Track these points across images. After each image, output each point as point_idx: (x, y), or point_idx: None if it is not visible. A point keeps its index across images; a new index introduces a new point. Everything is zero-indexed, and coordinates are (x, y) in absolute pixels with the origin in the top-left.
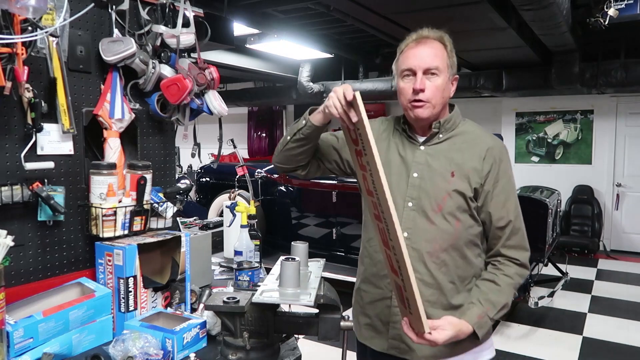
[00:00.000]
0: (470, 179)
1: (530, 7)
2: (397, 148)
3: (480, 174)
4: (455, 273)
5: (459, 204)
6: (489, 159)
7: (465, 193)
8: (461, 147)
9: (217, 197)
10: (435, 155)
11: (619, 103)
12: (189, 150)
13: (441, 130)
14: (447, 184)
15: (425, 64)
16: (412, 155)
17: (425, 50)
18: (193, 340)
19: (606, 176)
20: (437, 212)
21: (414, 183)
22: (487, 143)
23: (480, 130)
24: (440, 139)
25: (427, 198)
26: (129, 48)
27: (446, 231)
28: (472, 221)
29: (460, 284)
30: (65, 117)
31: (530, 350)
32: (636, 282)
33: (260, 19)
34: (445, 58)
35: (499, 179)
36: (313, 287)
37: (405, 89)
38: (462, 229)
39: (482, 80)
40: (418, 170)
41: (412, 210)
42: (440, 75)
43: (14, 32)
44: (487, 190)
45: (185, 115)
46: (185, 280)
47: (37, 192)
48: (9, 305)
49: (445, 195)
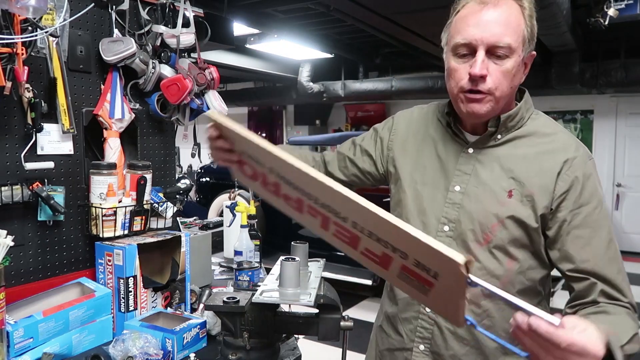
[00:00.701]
0: (535, 201)
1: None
2: (434, 147)
3: (550, 195)
4: (503, 328)
5: (516, 236)
6: (567, 175)
7: (526, 222)
8: (527, 155)
9: (217, 197)
10: (488, 163)
11: (619, 103)
12: (189, 150)
13: (500, 129)
14: (500, 206)
15: (491, 39)
16: (456, 160)
17: (494, 15)
18: (193, 340)
19: (606, 176)
20: (483, 244)
21: (454, 199)
22: (567, 151)
23: (559, 130)
24: (498, 141)
25: (470, 223)
26: (129, 48)
27: (493, 272)
28: (534, 261)
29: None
30: (65, 117)
31: None
32: (636, 282)
33: (260, 19)
34: (522, 28)
35: (583, 205)
36: (313, 287)
37: (458, 71)
38: (516, 271)
39: None
40: (461, 182)
41: (448, 237)
42: (511, 57)
43: (14, 32)
44: (561, 219)
45: (185, 115)
46: (185, 280)
47: (37, 192)
48: (9, 305)
49: (495, 222)
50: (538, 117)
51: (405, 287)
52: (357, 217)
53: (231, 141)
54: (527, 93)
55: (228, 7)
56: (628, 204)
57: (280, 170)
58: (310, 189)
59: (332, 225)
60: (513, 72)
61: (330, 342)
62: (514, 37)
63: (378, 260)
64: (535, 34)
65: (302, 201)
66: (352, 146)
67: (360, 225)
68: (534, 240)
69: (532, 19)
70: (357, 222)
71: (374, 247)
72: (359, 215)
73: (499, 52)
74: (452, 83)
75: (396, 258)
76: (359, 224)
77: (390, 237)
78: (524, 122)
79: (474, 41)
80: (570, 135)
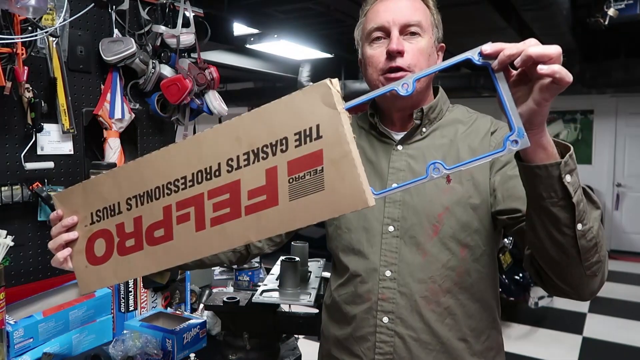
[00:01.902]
0: (474, 178)
1: (531, 8)
2: (364, 153)
3: (486, 165)
4: (467, 325)
5: (465, 220)
6: (493, 139)
7: (472, 202)
8: (455, 139)
9: None
10: (419, 156)
11: (619, 103)
12: None
13: (424, 121)
14: (443, 193)
15: (403, 18)
16: (387, 159)
17: (401, 2)
18: (193, 340)
19: (606, 176)
20: (432, 237)
21: (394, 198)
22: (487, 125)
23: (477, 114)
24: (424, 134)
25: (416, 217)
26: (129, 48)
27: (447, 264)
28: (487, 241)
29: (475, 341)
30: (65, 117)
31: (530, 350)
32: (636, 282)
33: (260, 19)
34: (429, 14)
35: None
36: (313, 287)
37: (375, 56)
38: (471, 258)
39: (482, 80)
40: (397, 179)
41: (395, 237)
42: (424, 36)
43: (14, 32)
44: (497, 168)
45: (185, 115)
46: (185, 280)
47: (37, 192)
48: (9, 305)
49: (441, 211)
50: (455, 108)
51: (302, 214)
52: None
53: (75, 208)
54: (441, 89)
55: (228, 7)
56: (628, 204)
57: (137, 184)
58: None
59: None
60: (428, 51)
61: None
62: (424, 17)
63: (263, 190)
64: (441, 25)
65: (168, 208)
66: None
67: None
68: (483, 219)
69: (437, 11)
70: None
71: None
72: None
73: (412, 30)
74: (370, 70)
75: (273, 160)
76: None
77: (240, 140)
78: (442, 114)
79: (387, 23)
80: (485, 115)
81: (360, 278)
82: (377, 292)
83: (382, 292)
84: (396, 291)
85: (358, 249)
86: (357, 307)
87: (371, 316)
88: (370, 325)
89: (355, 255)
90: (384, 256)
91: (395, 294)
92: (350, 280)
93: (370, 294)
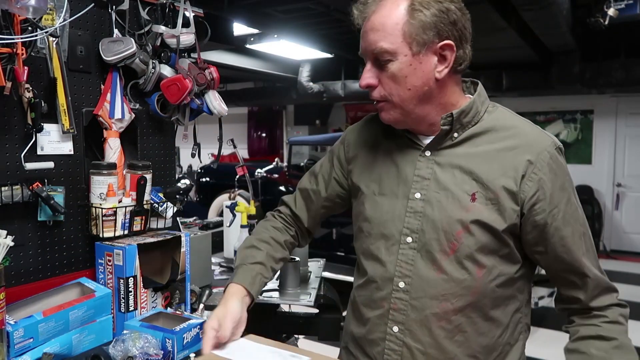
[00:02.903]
0: (501, 204)
1: (531, 8)
2: (389, 154)
3: (517, 198)
4: (477, 343)
5: (483, 242)
6: (534, 175)
7: (493, 225)
8: (488, 153)
9: (217, 197)
10: (447, 165)
11: (619, 103)
12: (189, 150)
13: (455, 126)
14: (465, 211)
15: (369, 48)
16: (413, 166)
17: (371, 24)
18: (193, 340)
19: (606, 176)
20: (449, 254)
21: (415, 208)
22: (530, 147)
23: (519, 123)
24: (455, 140)
25: (434, 232)
26: (129, 48)
27: (461, 284)
28: (504, 266)
29: (485, 357)
30: (65, 117)
31: (530, 350)
32: (636, 282)
33: (260, 19)
34: (400, 27)
35: (556, 204)
36: (313, 287)
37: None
38: (487, 280)
39: (482, 80)
40: (421, 188)
41: (412, 249)
42: (395, 60)
43: (14, 32)
44: (539, 223)
45: (185, 115)
46: (185, 280)
47: (37, 192)
48: (9, 305)
49: (460, 229)
50: (495, 110)
51: None
52: None
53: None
54: (481, 85)
55: (228, 7)
56: (628, 204)
57: None
58: None
59: None
60: (404, 73)
61: (330, 342)
62: (390, 39)
63: None
64: (433, 23)
65: None
66: (312, 178)
67: None
68: (503, 244)
69: (421, 11)
70: None
71: None
72: None
73: (381, 58)
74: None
75: None
76: None
77: None
78: (480, 116)
79: (361, 55)
80: (532, 125)
81: (376, 284)
82: (390, 301)
83: (395, 302)
84: (408, 303)
85: (376, 255)
86: (372, 312)
87: (383, 323)
88: (382, 331)
89: (374, 260)
90: (399, 267)
91: (407, 306)
92: (368, 284)
93: (384, 301)
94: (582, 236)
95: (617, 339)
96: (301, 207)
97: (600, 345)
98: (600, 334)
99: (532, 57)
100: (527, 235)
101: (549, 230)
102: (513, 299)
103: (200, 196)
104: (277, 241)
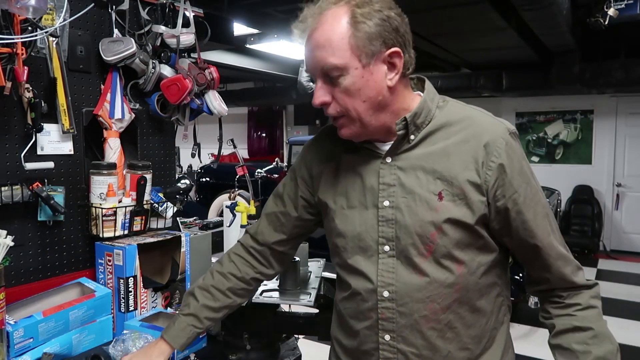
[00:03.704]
0: (468, 197)
1: (531, 8)
2: (353, 168)
3: (481, 188)
4: (467, 335)
5: (458, 238)
6: (492, 163)
7: (464, 221)
8: (446, 149)
9: (217, 197)
10: (409, 168)
11: (619, 103)
12: (189, 150)
13: (410, 129)
14: (434, 212)
15: (318, 65)
16: (377, 174)
17: (314, 41)
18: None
19: (606, 176)
20: (427, 256)
21: (386, 216)
22: (485, 136)
23: (471, 113)
24: (413, 142)
25: (409, 237)
26: (129, 48)
27: (444, 282)
28: (483, 255)
29: (476, 346)
30: (65, 117)
31: (530, 350)
32: (636, 282)
33: (260, 19)
34: (346, 40)
35: (516, 188)
36: (313, 287)
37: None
38: (468, 274)
39: (482, 80)
40: (388, 195)
41: (391, 257)
42: (346, 74)
43: (14, 32)
44: (501, 208)
45: (185, 115)
46: (185, 280)
47: (37, 192)
48: (9, 305)
49: (433, 231)
50: (446, 104)
51: None
52: None
53: None
54: (428, 82)
55: (228, 7)
56: (628, 204)
57: None
58: None
59: None
60: (356, 87)
61: (330, 342)
62: (339, 54)
63: None
64: (379, 32)
65: None
66: (277, 200)
67: None
68: (477, 236)
69: (364, 22)
70: None
71: None
72: None
73: (332, 74)
74: None
75: None
76: None
77: None
78: (432, 114)
79: (311, 74)
80: (484, 114)
81: (361, 296)
82: (378, 312)
83: (382, 312)
84: (396, 311)
85: (356, 268)
86: (360, 323)
87: (374, 333)
88: (374, 341)
89: (355, 274)
90: (381, 277)
91: (394, 314)
92: (353, 296)
93: (371, 312)
94: (546, 217)
95: (593, 328)
96: (269, 232)
97: (579, 337)
98: (576, 324)
99: (532, 57)
100: (492, 222)
101: (511, 214)
102: (494, 285)
103: (200, 196)
104: (227, 281)
